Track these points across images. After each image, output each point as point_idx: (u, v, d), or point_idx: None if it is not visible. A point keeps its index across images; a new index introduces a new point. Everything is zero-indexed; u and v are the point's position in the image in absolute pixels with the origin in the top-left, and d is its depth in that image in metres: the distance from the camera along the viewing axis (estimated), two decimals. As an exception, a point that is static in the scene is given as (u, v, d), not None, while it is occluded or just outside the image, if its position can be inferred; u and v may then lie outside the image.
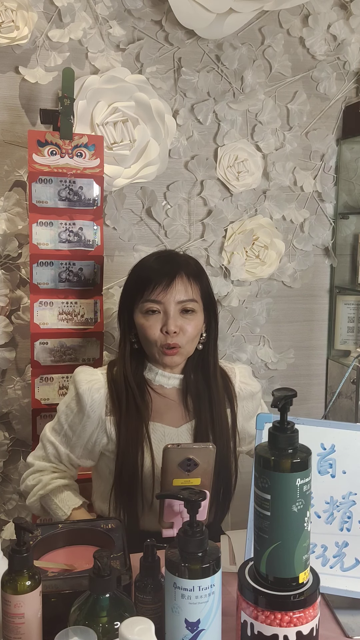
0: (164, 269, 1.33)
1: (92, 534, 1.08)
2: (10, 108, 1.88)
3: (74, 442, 1.37)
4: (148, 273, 1.34)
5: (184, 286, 1.33)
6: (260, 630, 0.76)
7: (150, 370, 1.39)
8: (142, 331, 1.34)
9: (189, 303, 1.33)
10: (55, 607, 0.86)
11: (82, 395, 1.34)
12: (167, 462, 1.04)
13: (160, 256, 1.39)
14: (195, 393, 1.39)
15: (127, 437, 1.32)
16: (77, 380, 1.37)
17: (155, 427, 1.36)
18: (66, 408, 1.37)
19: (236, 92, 2.07)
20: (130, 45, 1.94)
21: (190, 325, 1.33)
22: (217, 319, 1.42)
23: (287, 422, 0.78)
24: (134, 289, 1.36)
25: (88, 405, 1.33)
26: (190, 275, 1.35)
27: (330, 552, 1.00)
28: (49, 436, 1.40)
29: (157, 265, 1.35)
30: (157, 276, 1.32)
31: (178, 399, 1.40)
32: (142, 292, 1.33)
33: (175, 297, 1.32)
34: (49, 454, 1.39)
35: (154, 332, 1.32)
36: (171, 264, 1.35)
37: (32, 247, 1.72)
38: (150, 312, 1.32)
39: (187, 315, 1.33)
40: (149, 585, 0.91)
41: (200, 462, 1.05)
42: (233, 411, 1.41)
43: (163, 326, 1.31)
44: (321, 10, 2.08)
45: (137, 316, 1.35)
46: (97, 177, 1.76)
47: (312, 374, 2.33)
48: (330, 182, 2.21)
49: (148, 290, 1.32)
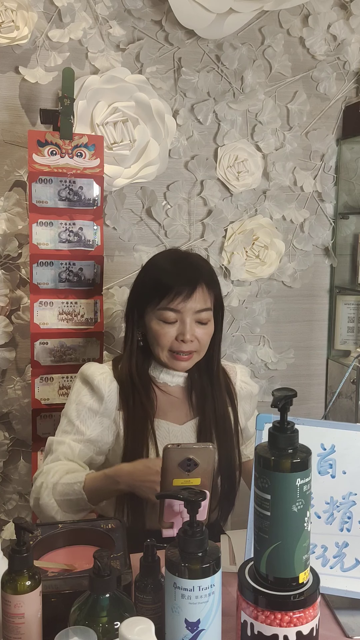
0: (185, 277, 1.32)
1: (92, 534, 1.08)
2: (10, 108, 1.88)
3: (88, 436, 1.33)
4: (168, 279, 1.32)
5: (203, 296, 1.33)
6: (260, 630, 0.76)
7: (155, 368, 1.40)
8: (155, 336, 1.34)
9: (204, 313, 1.34)
10: (55, 607, 0.86)
11: (98, 386, 1.34)
12: (167, 462, 1.04)
13: (179, 259, 1.38)
14: (200, 391, 1.40)
15: (133, 435, 1.33)
16: (89, 373, 1.36)
17: (160, 425, 1.37)
18: (76, 405, 1.35)
19: (236, 92, 2.07)
20: (130, 45, 1.94)
21: (205, 333, 1.35)
22: (222, 320, 1.43)
23: (287, 422, 0.78)
24: (151, 292, 1.34)
25: (106, 395, 1.34)
26: (208, 284, 1.35)
27: (330, 553, 1.00)
28: (57, 439, 1.35)
29: (177, 271, 1.33)
30: (178, 284, 1.30)
31: (182, 397, 1.41)
32: (160, 298, 1.32)
33: (194, 308, 1.32)
34: (59, 454, 1.32)
35: (168, 339, 1.32)
36: (192, 271, 1.34)
37: (32, 247, 1.72)
38: (167, 321, 1.32)
39: (202, 324, 1.34)
40: (149, 585, 0.91)
41: (201, 462, 1.05)
42: (234, 408, 1.43)
43: (179, 334, 1.32)
44: (321, 10, 2.08)
45: (150, 319, 1.35)
46: (97, 177, 1.76)
47: (312, 374, 2.33)
48: (330, 182, 2.21)
49: (167, 298, 1.31)
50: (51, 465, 1.31)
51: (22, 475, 1.99)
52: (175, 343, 1.33)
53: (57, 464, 1.31)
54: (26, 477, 1.98)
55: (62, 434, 1.36)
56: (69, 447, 1.33)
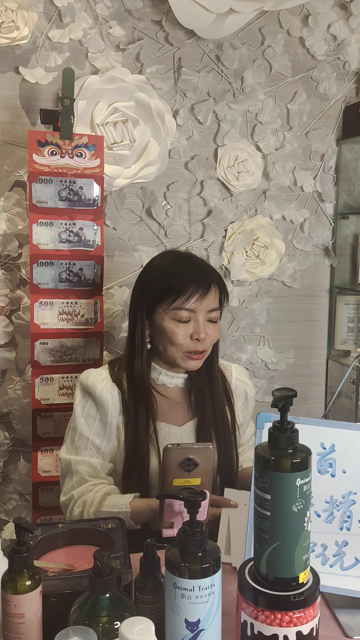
0: (200, 277, 1.34)
1: (92, 534, 1.08)
2: (11, 108, 1.88)
3: (104, 449, 1.34)
4: (184, 279, 1.33)
5: (216, 295, 1.36)
6: (260, 630, 0.76)
7: (154, 370, 1.40)
8: (170, 336, 1.34)
9: (214, 312, 1.36)
10: (55, 607, 0.86)
11: (101, 395, 1.34)
12: (167, 462, 1.05)
13: (187, 260, 1.39)
14: (198, 391, 1.41)
15: (134, 438, 1.33)
16: (89, 384, 1.36)
17: (160, 427, 1.37)
18: (85, 419, 1.35)
19: (236, 92, 2.07)
20: (130, 46, 1.94)
21: (216, 331, 1.37)
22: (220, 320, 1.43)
23: (287, 422, 0.78)
24: (164, 292, 1.34)
25: (110, 403, 1.34)
26: (219, 284, 1.38)
27: (330, 552, 1.00)
28: (75, 458, 1.33)
29: (192, 272, 1.35)
30: (194, 284, 1.32)
31: (180, 398, 1.41)
32: (174, 298, 1.32)
33: (207, 307, 1.34)
34: (84, 474, 1.32)
35: (183, 338, 1.33)
36: (204, 272, 1.36)
37: (32, 247, 1.72)
38: (182, 320, 1.33)
39: (212, 323, 1.36)
40: (149, 585, 0.91)
41: (200, 462, 1.05)
42: (231, 407, 1.43)
43: (193, 333, 1.33)
44: (321, 10, 2.08)
45: (162, 319, 1.34)
46: (97, 177, 1.76)
47: (312, 374, 2.33)
48: (330, 182, 2.21)
49: (182, 298, 1.32)
50: (81, 490, 1.30)
51: (22, 475, 1.99)
52: (190, 343, 1.34)
53: (87, 487, 1.30)
54: (26, 477, 1.98)
55: (77, 450, 1.34)
56: (89, 465, 1.33)
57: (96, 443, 1.34)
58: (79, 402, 1.37)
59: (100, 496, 1.26)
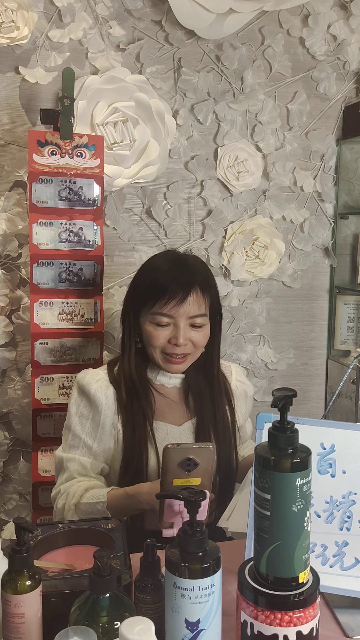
0: (179, 281, 1.31)
1: (92, 534, 1.08)
2: (11, 108, 1.88)
3: (95, 449, 1.35)
4: (162, 282, 1.31)
5: (197, 301, 1.33)
6: (260, 630, 0.76)
7: (152, 370, 1.40)
8: (148, 338, 1.34)
9: (199, 318, 1.33)
10: (55, 607, 0.86)
11: (95, 395, 1.34)
12: (167, 462, 1.05)
13: (175, 262, 1.37)
14: (197, 392, 1.40)
15: (132, 437, 1.33)
16: (85, 383, 1.36)
17: (159, 426, 1.37)
18: (79, 418, 1.35)
19: (236, 92, 2.07)
20: (130, 46, 1.94)
21: (199, 336, 1.35)
22: (221, 322, 1.43)
23: (287, 422, 0.78)
24: (145, 294, 1.34)
25: (104, 403, 1.34)
26: (203, 288, 1.34)
27: (330, 552, 1.00)
28: (67, 456, 1.35)
29: (172, 274, 1.32)
30: (171, 288, 1.30)
31: (179, 398, 1.41)
32: (153, 301, 1.31)
33: (187, 313, 1.32)
34: (73, 472, 1.33)
35: (161, 341, 1.33)
36: (187, 274, 1.33)
37: (32, 247, 1.72)
38: (160, 324, 1.32)
39: (196, 328, 1.34)
40: (149, 585, 0.91)
41: (200, 462, 1.05)
42: (231, 408, 1.43)
43: (172, 337, 1.32)
44: (321, 11, 2.08)
45: (144, 322, 1.35)
46: (97, 177, 1.76)
47: (312, 374, 2.33)
48: (330, 182, 2.21)
49: (161, 303, 1.30)
50: (67, 485, 1.32)
51: (22, 475, 1.99)
52: (168, 345, 1.33)
53: (74, 482, 1.32)
54: (26, 477, 1.98)
55: (70, 449, 1.36)
56: (79, 463, 1.34)
57: (88, 443, 1.34)
58: (74, 401, 1.38)
59: (82, 489, 1.28)
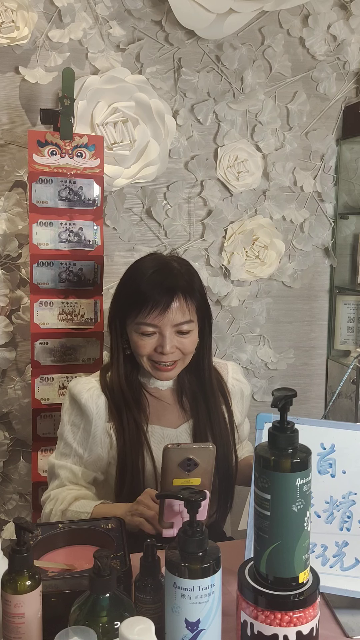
0: (161, 288, 1.27)
1: (92, 534, 1.08)
2: (11, 108, 1.88)
3: (86, 459, 1.34)
4: (144, 290, 1.28)
5: (181, 308, 1.29)
6: (260, 630, 0.76)
7: (145, 374, 1.39)
8: (135, 347, 1.33)
9: (185, 325, 1.30)
10: (55, 607, 0.86)
11: (85, 405, 1.33)
12: (167, 462, 1.04)
13: (157, 268, 1.32)
14: (191, 393, 1.40)
15: (127, 442, 1.32)
16: (76, 392, 1.35)
17: (154, 430, 1.36)
18: (71, 427, 1.35)
19: (236, 92, 2.07)
20: (130, 46, 1.94)
21: (186, 342, 1.32)
22: (211, 323, 1.40)
23: (287, 422, 0.78)
24: (128, 303, 1.32)
25: (94, 413, 1.33)
26: (187, 294, 1.30)
27: (330, 552, 1.00)
28: (59, 463, 1.35)
29: (153, 282, 1.29)
30: (153, 296, 1.27)
31: (174, 400, 1.40)
32: (137, 311, 1.29)
33: (172, 321, 1.29)
34: (64, 479, 1.33)
35: (147, 350, 1.31)
36: (169, 281, 1.29)
37: (32, 247, 1.72)
38: (146, 333, 1.30)
39: (183, 334, 1.31)
40: (149, 585, 0.91)
41: (200, 462, 1.05)
42: (229, 407, 1.42)
43: (158, 346, 1.30)
44: (321, 11, 2.08)
45: (130, 330, 1.33)
46: (97, 177, 1.76)
47: (312, 374, 2.33)
48: (330, 182, 2.21)
49: (144, 312, 1.28)
50: (58, 491, 1.32)
51: (22, 475, 1.99)
52: (155, 354, 1.31)
53: (64, 489, 1.32)
54: (26, 477, 1.98)
55: (62, 457, 1.36)
56: (70, 471, 1.34)
57: (79, 452, 1.34)
58: (66, 409, 1.37)
59: (71, 497, 1.28)
